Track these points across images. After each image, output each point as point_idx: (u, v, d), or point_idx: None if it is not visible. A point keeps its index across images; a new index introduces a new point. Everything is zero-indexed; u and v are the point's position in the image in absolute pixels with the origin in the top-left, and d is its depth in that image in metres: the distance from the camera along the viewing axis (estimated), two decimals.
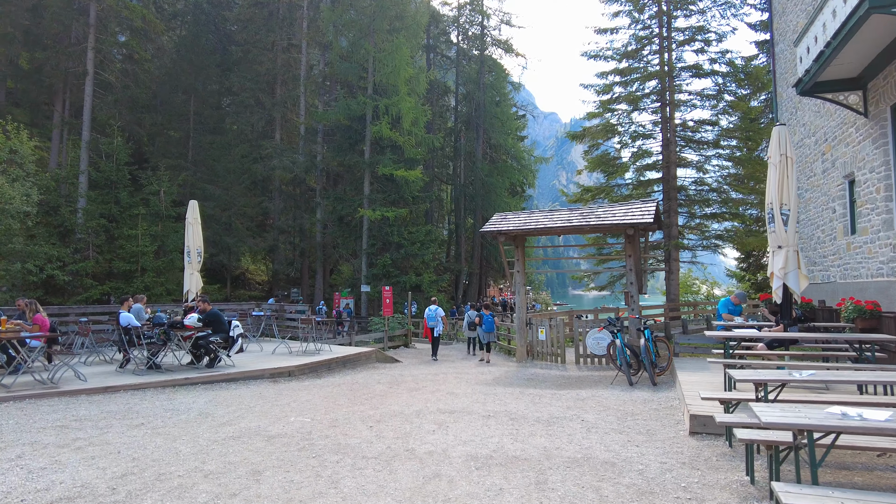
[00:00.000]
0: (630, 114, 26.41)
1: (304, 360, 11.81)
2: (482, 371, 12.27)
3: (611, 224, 12.23)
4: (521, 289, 14.04)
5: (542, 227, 12.93)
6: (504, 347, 16.60)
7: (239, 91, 35.96)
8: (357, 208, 26.61)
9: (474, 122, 41.87)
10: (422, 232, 27.61)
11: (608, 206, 13.39)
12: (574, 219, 12.84)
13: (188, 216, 14.24)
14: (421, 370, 12.45)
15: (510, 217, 14.13)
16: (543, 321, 13.75)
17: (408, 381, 10.40)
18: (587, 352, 13.02)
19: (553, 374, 11.49)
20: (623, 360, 9.75)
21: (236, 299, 32.51)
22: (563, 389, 9.44)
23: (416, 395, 8.86)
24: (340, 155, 28.50)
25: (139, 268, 20.43)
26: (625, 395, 8.72)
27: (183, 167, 32.86)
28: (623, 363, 9.70)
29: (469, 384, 10.13)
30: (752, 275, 27.40)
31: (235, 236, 31.04)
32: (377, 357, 13.89)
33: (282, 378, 10.64)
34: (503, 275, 47.71)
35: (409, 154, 27.22)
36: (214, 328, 10.69)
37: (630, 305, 12.84)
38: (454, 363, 14.52)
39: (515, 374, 11.54)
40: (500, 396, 8.70)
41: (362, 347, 14.80)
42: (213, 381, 9.80)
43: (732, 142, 24.52)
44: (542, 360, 13.66)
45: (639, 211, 12.42)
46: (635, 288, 12.95)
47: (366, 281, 26.75)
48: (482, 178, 39.86)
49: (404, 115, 25.73)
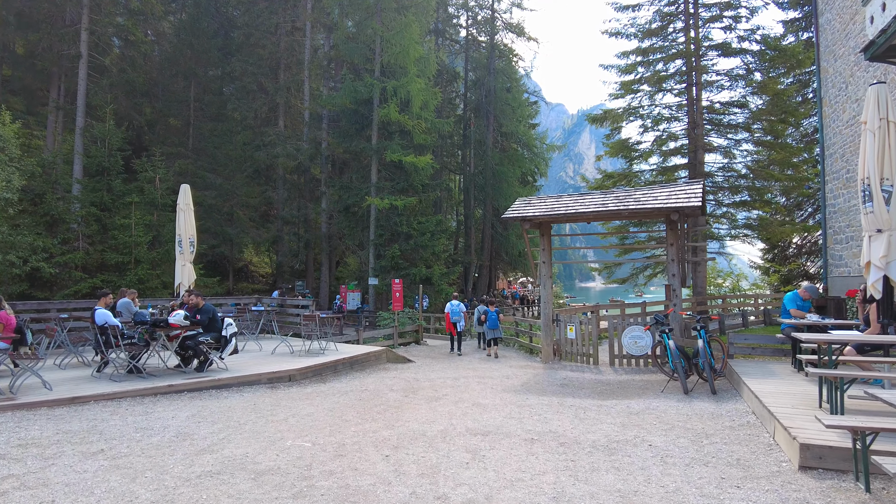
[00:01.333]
0: (653, 95, 24.84)
1: (307, 361, 10.50)
2: (505, 373, 10.93)
3: (652, 208, 10.81)
4: (546, 281, 12.66)
5: (572, 213, 11.53)
6: (525, 346, 15.25)
7: (241, 76, 34.57)
8: (364, 197, 25.25)
9: (484, 109, 40.30)
10: (432, 222, 26.23)
11: (646, 189, 11.96)
12: (609, 203, 11.42)
13: (179, 201, 12.95)
14: (437, 373, 11.12)
15: (535, 202, 12.73)
16: (573, 317, 12.38)
17: (425, 388, 9.07)
18: (623, 352, 11.65)
19: (588, 379, 10.12)
20: (677, 364, 8.37)
21: (239, 292, 31.36)
22: (608, 399, 8.07)
23: (437, 406, 7.53)
24: (346, 141, 27.09)
25: (133, 259, 19.18)
26: (684, 407, 7.35)
27: (183, 155, 31.64)
28: (678, 368, 8.32)
29: (495, 391, 8.79)
30: (780, 266, 25.88)
31: (237, 227, 29.81)
32: (388, 357, 12.58)
33: (281, 384, 9.33)
34: (514, 267, 46.29)
35: (419, 140, 25.78)
36: (205, 327, 9.39)
37: (672, 300, 11.44)
38: (471, 361, 13.19)
39: (545, 379, 10.18)
40: (536, 409, 7.35)
41: (371, 346, 13.50)
42: (202, 389, 8.50)
43: (763, 125, 22.89)
44: (570, 361, 12.31)
45: (683, 193, 10.99)
46: (678, 280, 11.53)
47: (373, 273, 25.44)
48: (493, 166, 38.35)
49: (413, 98, 24.26)
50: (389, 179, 26.37)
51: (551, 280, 12.73)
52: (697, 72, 23.30)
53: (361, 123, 27.38)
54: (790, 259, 27.96)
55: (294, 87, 34.21)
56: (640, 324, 11.64)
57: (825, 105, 16.51)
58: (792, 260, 28.21)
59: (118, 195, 19.93)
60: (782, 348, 9.52)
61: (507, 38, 43.00)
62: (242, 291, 31.79)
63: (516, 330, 16.80)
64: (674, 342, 8.48)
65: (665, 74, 23.83)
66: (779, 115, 21.86)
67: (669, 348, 8.82)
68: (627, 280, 25.15)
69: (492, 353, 14.18)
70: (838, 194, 15.68)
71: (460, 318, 15.73)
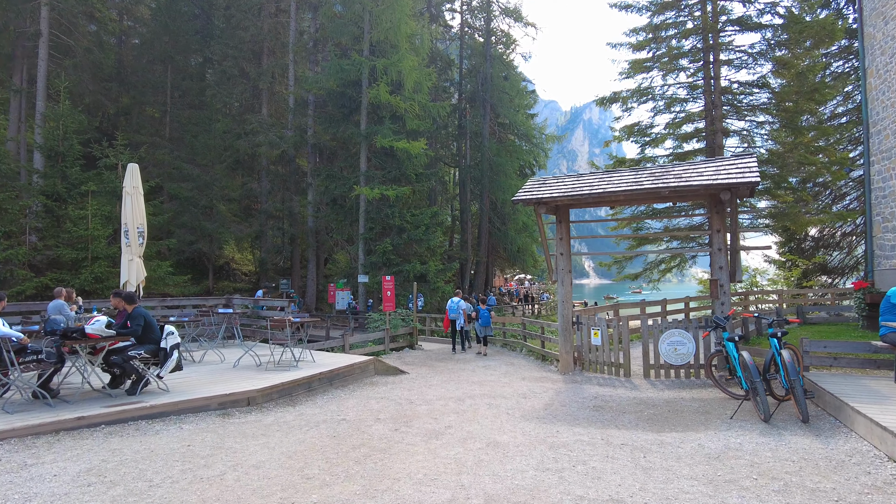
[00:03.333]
0: (666, 75, 22.84)
1: (274, 378, 8.42)
2: (519, 389, 8.90)
3: (699, 186, 8.78)
4: (565, 276, 10.62)
5: (598, 194, 9.48)
6: (536, 352, 13.20)
7: (221, 60, 32.34)
8: (352, 187, 23.10)
9: (480, 98, 38.23)
10: (426, 214, 24.12)
11: (686, 165, 9.93)
12: (645, 181, 9.39)
13: (125, 184, 10.92)
14: (436, 389, 9.06)
15: (550, 182, 10.69)
16: (599, 320, 10.34)
17: (421, 415, 7.02)
18: (660, 361, 9.65)
19: (625, 398, 8.10)
20: (752, 382, 6.35)
21: (219, 292, 29.26)
22: (665, 431, 6.05)
23: (439, 448, 5.48)
24: (333, 127, 24.92)
25: (90, 255, 16.97)
26: (779, 445, 5.34)
27: (159, 145, 29.43)
28: (756, 388, 6.27)
29: (513, 419, 6.75)
30: (806, 260, 23.98)
31: (217, 221, 27.65)
32: (376, 368, 10.51)
33: (237, 410, 7.26)
34: (512, 263, 44.27)
35: (412, 125, 23.66)
36: (138, 337, 7.30)
37: (719, 297, 9.44)
38: (474, 371, 11.10)
39: (572, 398, 8.15)
40: (575, 452, 5.32)
41: (356, 356, 11.42)
42: (126, 420, 6.41)
43: (789, 105, 20.92)
44: (595, 372, 10.29)
45: (735, 168, 8.99)
46: (726, 274, 9.54)
47: (363, 270, 23.34)
48: (490, 158, 36.31)
49: (406, 77, 22.11)
50: (380, 168, 24.24)
51: (570, 275, 10.70)
52: (715, 49, 21.31)
53: (349, 107, 25.22)
54: (807, 252, 26.10)
55: (278, 72, 32.02)
56: (679, 326, 9.64)
57: (871, 76, 14.55)
58: (810, 253, 26.36)
59: (74, 184, 17.69)
60: (874, 358, 7.53)
61: (505, 23, 40.98)
62: (224, 291, 29.67)
63: (524, 333, 14.76)
64: (748, 353, 6.44)
65: (680, 52, 21.83)
66: (810, 93, 19.88)
67: (738, 360, 6.83)
68: (640, 275, 23.15)
69: (482, 352, 14.14)
70: (889, 175, 13.73)
71: (459, 316, 15.25)
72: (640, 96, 22.50)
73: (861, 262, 26.76)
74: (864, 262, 27.31)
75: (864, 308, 13.04)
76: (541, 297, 45.17)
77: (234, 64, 31.19)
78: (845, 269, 28.00)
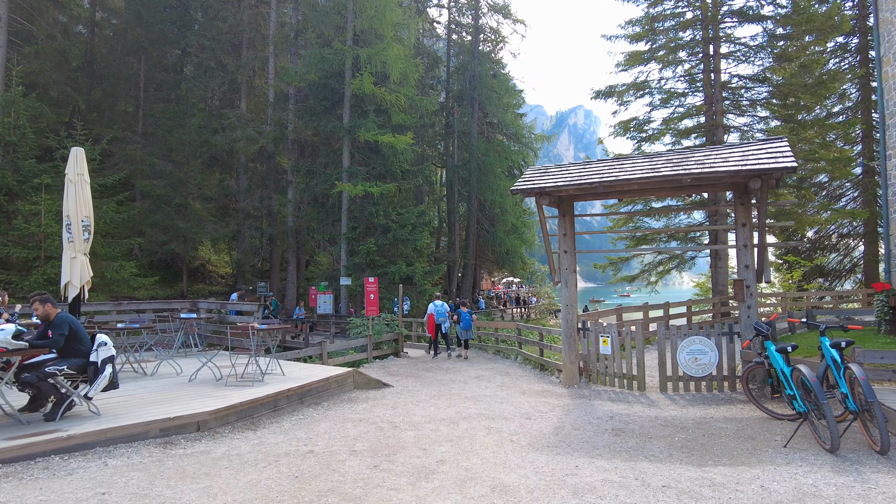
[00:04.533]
0: (663, 69, 21.88)
1: (234, 396, 7.11)
2: (521, 407, 7.69)
3: (725, 172, 7.66)
4: (569, 277, 9.43)
5: (608, 182, 8.31)
6: (534, 360, 12.00)
7: (198, 52, 30.89)
8: (334, 183, 21.75)
9: (469, 96, 37.12)
10: (413, 213, 22.84)
11: (706, 150, 8.80)
12: (662, 167, 8.25)
13: (68, 170, 9.56)
14: (424, 406, 7.81)
15: (554, 171, 9.51)
16: (609, 326, 9.15)
17: (406, 444, 5.76)
18: (678, 372, 8.51)
19: (646, 417, 6.92)
20: (813, 402, 5.19)
21: (194, 295, 27.71)
22: (709, 465, 4.86)
23: (429, 495, 4.23)
24: (314, 120, 23.54)
25: (42, 255, 15.43)
26: (865, 487, 4.18)
27: (131, 140, 27.85)
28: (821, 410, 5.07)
29: (520, 449, 5.53)
30: (807, 261, 23.17)
31: (191, 220, 26.11)
32: (355, 381, 9.23)
33: (183, 437, 5.95)
34: (500, 266, 43.07)
35: (397, 119, 22.39)
36: (60, 349, 5.96)
37: (745, 301, 8.31)
38: (466, 382, 9.84)
39: (583, 417, 6.95)
40: (605, 498, 4.10)
41: (333, 368, 10.13)
42: (34, 456, 5.08)
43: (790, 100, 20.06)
44: (604, 385, 9.11)
45: (765, 153, 7.89)
46: (752, 274, 8.42)
47: (346, 272, 21.99)
48: (478, 157, 35.18)
49: (391, 66, 20.84)
50: (364, 164, 22.93)
51: (575, 276, 9.52)
52: (715, 41, 20.40)
53: (332, 100, 23.89)
54: (803, 254, 25.33)
55: (258, 65, 30.58)
56: (701, 333, 8.50)
57: (886, 64, 13.60)
58: (806, 255, 25.60)
59: (27, 177, 16.15)
60: None
61: (493, 19, 39.94)
62: (199, 294, 28.13)
63: (519, 339, 13.55)
64: (807, 368, 5.27)
65: (679, 43, 20.88)
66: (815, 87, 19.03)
67: (791, 375, 5.69)
68: (637, 277, 22.09)
69: (463, 355, 14.04)
70: None
71: (446, 319, 14.65)
72: (637, 90, 21.53)
73: (859, 263, 26.08)
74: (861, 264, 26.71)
75: (888, 311, 12.09)
76: (528, 300, 44.12)
77: (211, 56, 29.73)
78: (843, 271, 27.32)
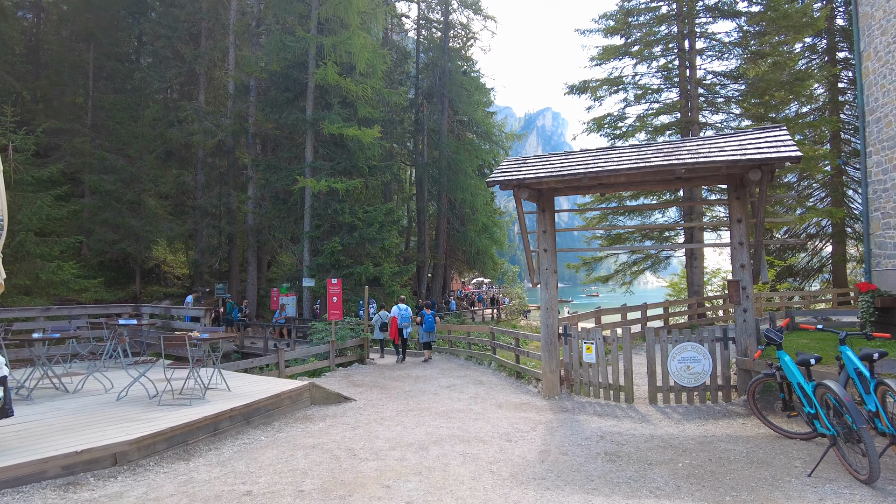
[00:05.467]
0: (637, 65, 21.42)
1: (165, 419, 6.01)
2: (499, 425, 6.81)
3: (722, 162, 6.95)
4: (549, 277, 8.59)
5: (594, 174, 7.50)
6: (509, 367, 11.16)
7: (153, 41, 29.13)
8: (296, 178, 20.53)
9: (438, 93, 36.29)
10: (380, 211, 21.78)
11: (699, 140, 8.10)
12: (653, 157, 7.49)
13: None
14: (390, 426, 6.85)
15: (533, 162, 8.68)
16: (593, 331, 8.35)
17: (366, 479, 4.80)
18: (669, 381, 7.77)
19: (640, 436, 6.12)
20: (843, 426, 4.44)
21: (148, 297, 26.11)
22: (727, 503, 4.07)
23: None
24: (276, 112, 22.24)
25: None
26: None
27: (78, 132, 26.02)
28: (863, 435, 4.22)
29: (500, 481, 4.64)
30: (780, 261, 23.05)
31: (144, 218, 24.46)
32: (313, 396, 8.20)
33: (93, 475, 4.85)
34: (471, 266, 42.29)
35: (364, 112, 21.32)
36: None
37: (741, 303, 7.63)
38: (437, 393, 8.94)
39: (570, 438, 6.11)
40: None
41: (287, 381, 9.07)
42: None
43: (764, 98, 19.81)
44: (588, 396, 8.31)
45: (765, 141, 7.21)
46: (749, 274, 7.74)
47: (309, 273, 20.79)
48: (448, 156, 34.39)
49: (357, 56, 19.76)
50: (329, 159, 21.77)
51: (556, 276, 8.70)
52: (691, 36, 20.02)
53: (294, 91, 22.64)
54: (773, 255, 25.33)
55: (218, 55, 29.05)
56: (693, 339, 7.78)
57: (867, 59, 13.29)
58: (776, 255, 25.63)
59: None
60: None
61: (463, 15, 39.23)
62: (153, 296, 26.49)
63: (492, 344, 12.71)
64: (837, 385, 4.51)
65: (655, 38, 20.42)
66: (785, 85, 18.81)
67: (812, 392, 4.95)
68: (611, 278, 21.56)
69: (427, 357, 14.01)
70: (890, 167, 12.44)
71: (408, 325, 14.37)
72: (611, 85, 20.99)
73: (827, 263, 26.24)
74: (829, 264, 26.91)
75: (873, 312, 11.69)
76: (502, 300, 43.53)
77: (167, 45, 28.07)
78: (811, 271, 27.50)
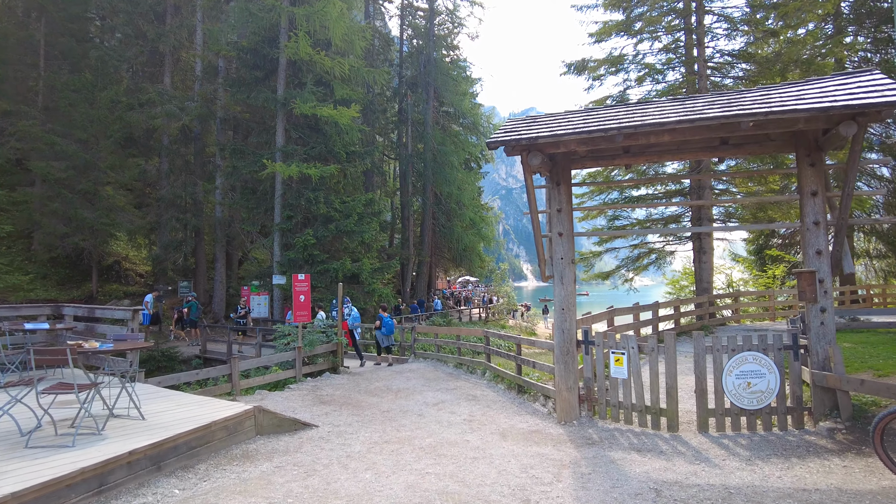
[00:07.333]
0: (638, 44, 19.73)
1: (22, 473, 4.03)
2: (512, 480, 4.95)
3: (806, 111, 5.14)
4: (565, 269, 6.73)
5: (631, 128, 5.64)
6: (509, 379, 9.29)
7: (111, 16, 26.79)
8: (264, 164, 18.44)
9: (423, 82, 34.43)
10: (360, 201, 19.77)
11: (759, 90, 6.27)
12: (708, 110, 5.67)
13: None
14: (356, 472, 4.93)
15: (544, 120, 6.80)
16: (625, 338, 6.48)
17: None
18: (725, 404, 5.95)
19: (710, 488, 4.27)
20: None
21: (106, 297, 23.84)
22: None
23: None
24: (244, 92, 20.09)
25: None
26: None
27: (27, 115, 23.64)
28: None
29: None
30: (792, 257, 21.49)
31: (101, 209, 22.21)
32: (259, 424, 6.22)
33: None
34: (457, 264, 40.36)
35: (341, 93, 19.30)
36: None
37: (818, 301, 5.84)
38: (421, 412, 7.08)
39: (609, 494, 4.24)
40: None
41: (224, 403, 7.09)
42: None
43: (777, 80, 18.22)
44: (614, 420, 6.47)
45: (858, 86, 5.42)
46: (826, 262, 5.96)
47: (279, 269, 18.73)
48: (434, 147, 32.55)
49: (332, 28, 17.73)
50: (302, 143, 19.70)
51: (573, 267, 6.84)
52: (699, 11, 18.36)
53: (265, 69, 20.54)
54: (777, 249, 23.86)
55: (185, 34, 26.78)
56: (754, 348, 5.97)
57: None
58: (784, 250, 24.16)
59: None
60: None
61: (450, 1, 37.35)
62: (112, 295, 24.22)
63: (487, 349, 10.83)
64: None
65: (661, 10, 18.71)
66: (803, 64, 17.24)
67: None
68: (612, 274, 19.83)
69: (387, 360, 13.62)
70: None
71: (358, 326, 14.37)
72: (611, 65, 19.25)
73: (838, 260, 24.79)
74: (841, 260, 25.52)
75: None
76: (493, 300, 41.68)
77: (128, 21, 25.75)
78: None
